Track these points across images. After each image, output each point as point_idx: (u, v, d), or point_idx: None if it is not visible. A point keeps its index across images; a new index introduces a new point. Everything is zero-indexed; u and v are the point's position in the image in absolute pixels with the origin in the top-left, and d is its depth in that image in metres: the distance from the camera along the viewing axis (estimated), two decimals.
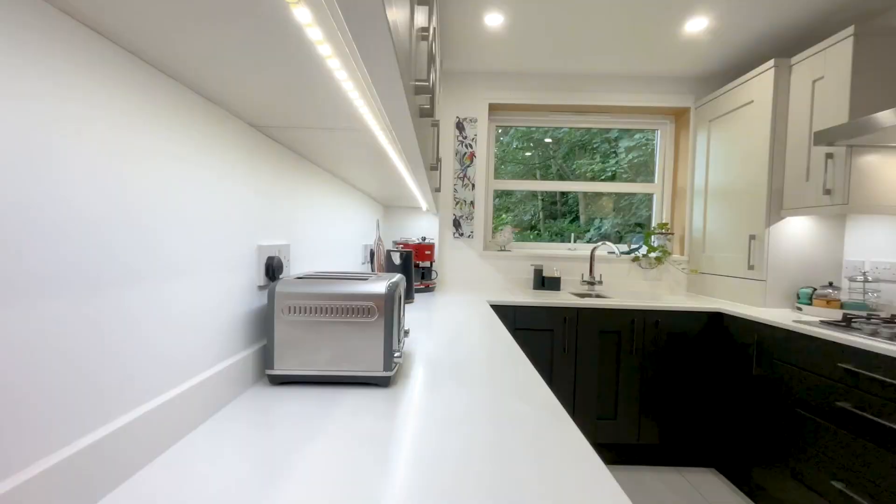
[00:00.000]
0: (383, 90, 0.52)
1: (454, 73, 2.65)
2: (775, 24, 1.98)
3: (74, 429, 0.44)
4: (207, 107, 0.67)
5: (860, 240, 1.93)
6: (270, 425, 0.65)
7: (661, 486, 1.92)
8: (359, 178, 1.47)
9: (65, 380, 0.43)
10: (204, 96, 0.65)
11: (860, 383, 1.34)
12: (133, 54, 0.51)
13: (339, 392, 0.79)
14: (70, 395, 0.44)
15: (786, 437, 1.61)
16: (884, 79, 1.67)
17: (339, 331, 0.81)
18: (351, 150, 1.00)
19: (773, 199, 1.98)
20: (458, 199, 2.68)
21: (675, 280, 2.63)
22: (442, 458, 0.56)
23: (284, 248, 0.96)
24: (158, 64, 0.54)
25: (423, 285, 2.30)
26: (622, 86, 2.61)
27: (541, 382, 0.87)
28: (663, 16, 1.92)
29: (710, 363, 2.06)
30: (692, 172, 2.58)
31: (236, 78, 0.58)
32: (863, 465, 1.31)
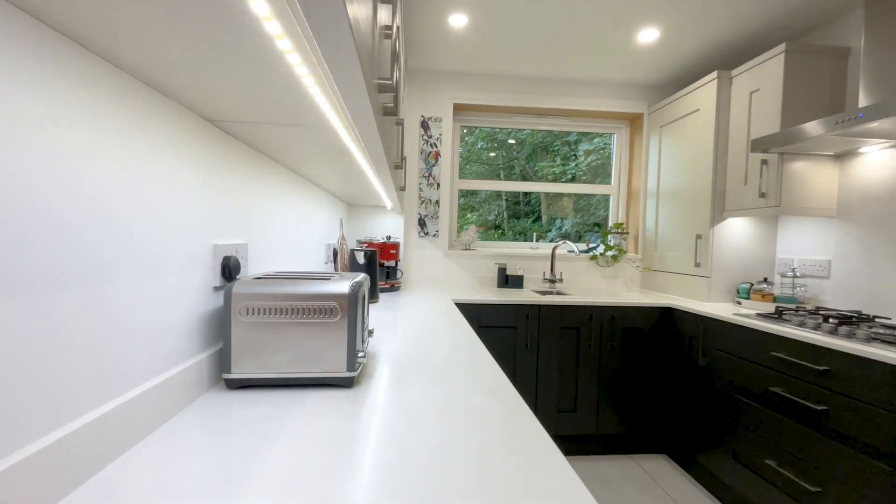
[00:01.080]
0: (345, 87, 0.52)
1: (419, 72, 2.64)
2: (718, 39, 2.12)
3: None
4: (157, 99, 0.63)
5: (790, 239, 2.12)
6: (227, 431, 0.62)
7: (618, 474, 2.02)
8: (321, 175, 1.44)
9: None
10: (151, 86, 0.62)
11: (790, 370, 1.47)
12: (69, 38, 0.48)
13: (300, 394, 0.77)
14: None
15: (727, 421, 1.74)
16: (810, 92, 1.84)
17: (300, 332, 0.79)
18: (313, 147, 0.98)
19: (716, 201, 2.13)
20: (423, 198, 2.68)
21: (629, 277, 2.76)
22: (407, 457, 0.56)
23: (242, 248, 0.92)
24: (100, 51, 0.51)
25: (388, 285, 2.29)
26: (581, 90, 2.71)
27: (504, 379, 0.89)
28: (618, 26, 2.02)
29: (662, 355, 2.18)
30: (645, 175, 2.72)
31: (190, 72, 0.55)
32: (790, 443, 1.45)
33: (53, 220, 0.46)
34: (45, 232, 0.45)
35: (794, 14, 1.89)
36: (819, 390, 1.36)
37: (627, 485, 1.93)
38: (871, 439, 1.21)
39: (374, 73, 0.64)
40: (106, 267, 0.54)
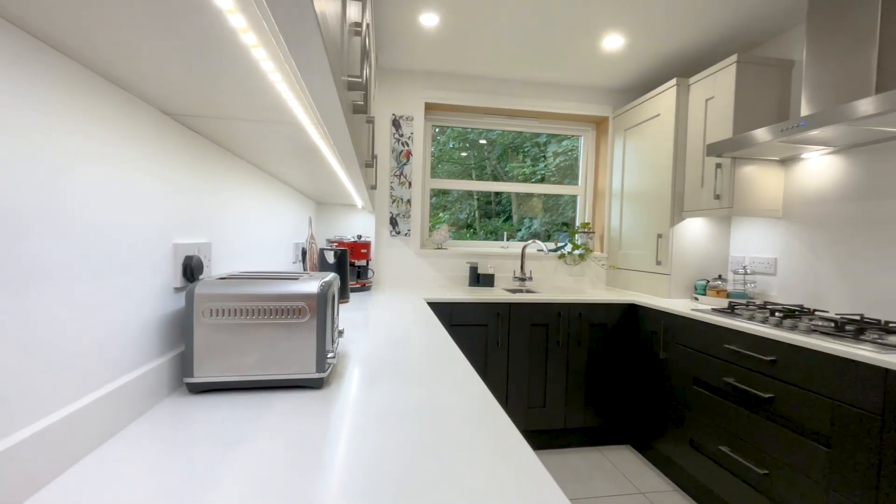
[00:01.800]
0: (313, 84, 0.51)
1: (390, 70, 2.63)
2: (678, 48, 2.23)
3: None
4: (107, 88, 0.60)
5: (742, 238, 2.26)
6: (188, 436, 0.60)
7: (586, 465, 2.09)
8: (290, 173, 1.41)
9: None
10: (101, 75, 0.59)
11: (741, 360, 1.57)
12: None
13: (268, 397, 0.76)
14: None
15: (686, 411, 1.83)
16: (759, 101, 1.96)
17: (267, 333, 0.77)
18: (280, 144, 0.96)
19: (675, 202, 2.24)
20: (394, 197, 2.67)
21: (596, 275, 2.86)
22: (378, 457, 0.56)
23: (205, 247, 0.89)
24: (40, 34, 0.48)
25: (359, 284, 2.26)
26: (550, 93, 2.78)
27: (475, 377, 0.91)
28: (585, 32, 2.08)
29: (626, 349, 2.27)
30: (610, 177, 2.82)
31: (146, 63, 0.53)
32: (742, 429, 1.54)
33: (9, 217, 0.43)
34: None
35: (745, 27, 2.02)
36: (766, 379, 1.46)
37: (594, 475, 2.00)
38: (810, 423, 1.31)
39: (344, 71, 0.64)
40: (39, 268, 0.51)
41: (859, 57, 1.48)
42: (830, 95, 1.58)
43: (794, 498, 1.35)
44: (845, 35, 1.53)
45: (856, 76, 1.49)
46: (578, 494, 1.85)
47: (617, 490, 1.88)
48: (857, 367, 1.19)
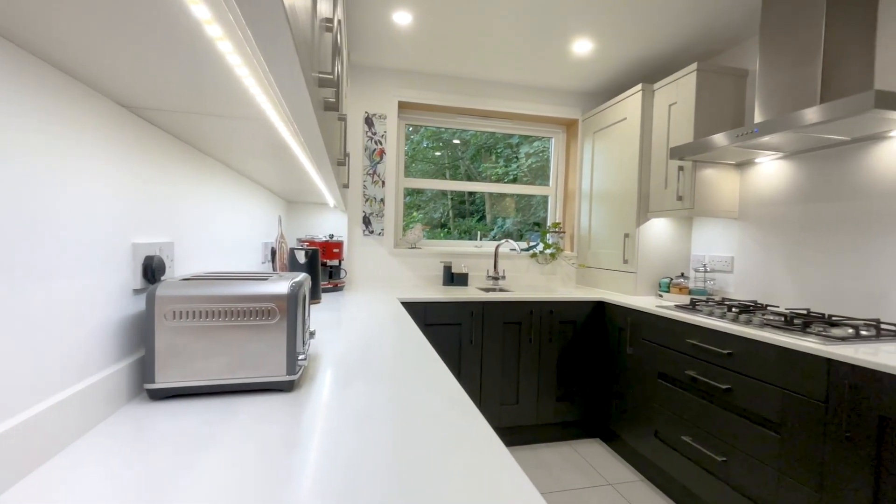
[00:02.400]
0: (282, 80, 0.50)
1: (363, 68, 2.59)
2: (643, 54, 2.32)
3: None
4: (55, 76, 0.56)
5: (702, 238, 2.37)
6: (149, 445, 0.58)
7: (557, 460, 2.14)
8: (258, 171, 1.37)
9: None
10: (48, 62, 0.55)
11: (702, 354, 1.65)
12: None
13: (235, 401, 0.73)
14: None
15: (651, 404, 1.91)
16: (717, 107, 2.07)
17: (235, 335, 0.75)
18: (248, 141, 0.93)
19: (641, 203, 2.32)
20: (367, 196, 2.64)
21: (566, 274, 2.93)
22: (351, 459, 0.56)
23: (167, 247, 0.85)
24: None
25: (331, 284, 2.22)
26: (522, 95, 2.82)
27: (449, 376, 0.91)
28: (556, 36, 2.13)
29: (595, 346, 2.34)
30: (580, 178, 2.89)
31: (101, 53, 0.50)
32: (702, 419, 1.62)
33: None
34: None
35: (704, 37, 2.12)
36: (724, 371, 1.54)
37: (565, 469, 2.05)
38: (763, 411, 1.39)
39: (314, 67, 0.63)
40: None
41: (806, 68, 1.59)
42: (781, 104, 1.69)
43: (750, 482, 1.43)
44: (793, 48, 1.64)
45: (803, 86, 1.60)
46: (550, 488, 1.89)
47: (587, 482, 1.94)
48: (804, 357, 1.28)
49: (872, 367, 1.11)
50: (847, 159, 1.67)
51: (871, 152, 1.60)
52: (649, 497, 1.84)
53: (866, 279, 1.59)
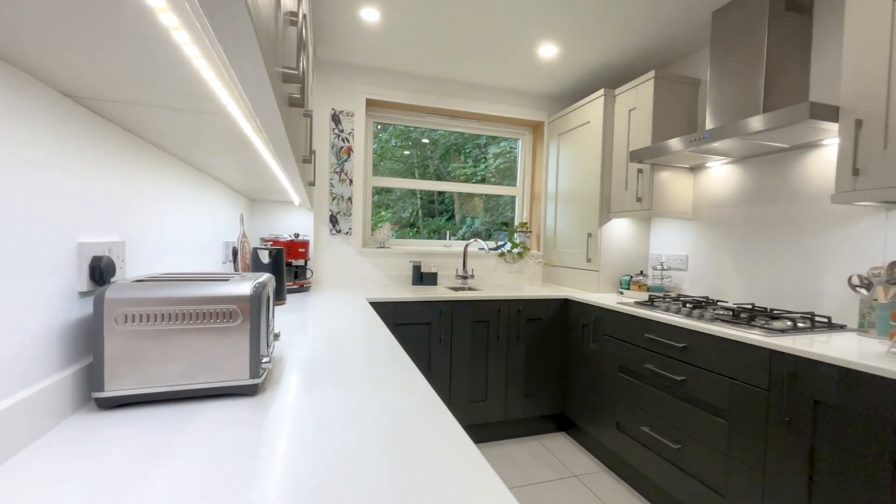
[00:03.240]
0: (245, 74, 0.49)
1: (330, 64, 2.54)
2: (605, 61, 2.40)
3: None
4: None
5: (659, 237, 2.49)
6: (98, 457, 0.54)
7: (525, 455, 2.19)
8: (219, 167, 1.31)
9: None
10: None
11: (659, 348, 1.73)
12: None
13: (194, 408, 0.70)
14: None
15: (613, 397, 1.99)
16: (673, 113, 2.18)
17: (194, 339, 0.71)
18: (208, 136, 0.89)
19: (603, 203, 2.41)
20: (334, 194, 2.59)
21: (533, 272, 3.00)
22: (318, 463, 0.55)
23: (117, 246, 0.80)
24: None
25: (296, 285, 2.17)
26: (490, 96, 2.86)
27: (418, 375, 0.91)
28: (522, 39, 2.17)
29: (561, 342, 2.41)
30: (546, 179, 2.97)
31: (42, 38, 0.46)
32: (659, 410, 1.71)
33: None
34: None
35: (661, 47, 2.23)
36: (680, 363, 1.63)
37: (532, 463, 2.10)
38: (713, 400, 1.48)
39: (279, 61, 0.61)
40: None
41: (750, 80, 1.71)
42: (728, 112, 1.80)
43: (701, 467, 1.52)
44: (740, 60, 1.75)
45: (748, 96, 1.72)
46: (518, 482, 1.93)
47: (553, 475, 2.00)
48: (749, 349, 1.37)
49: (807, 356, 1.20)
50: (786, 165, 1.81)
51: (806, 159, 1.74)
52: (611, 486, 1.92)
53: (802, 276, 1.73)
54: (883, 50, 1.27)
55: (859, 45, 1.33)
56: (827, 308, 1.64)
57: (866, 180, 1.30)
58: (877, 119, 1.28)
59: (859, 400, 1.10)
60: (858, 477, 1.10)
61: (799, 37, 1.71)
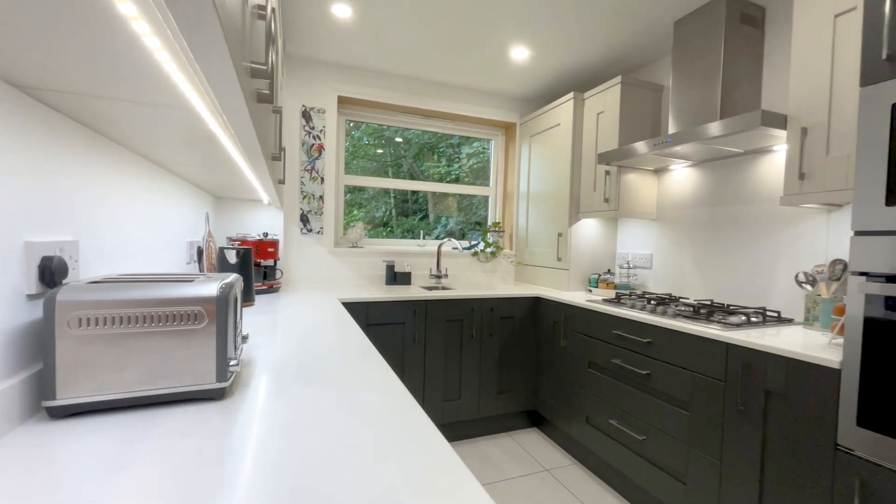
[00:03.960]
0: (210, 69, 0.47)
1: (301, 59, 2.49)
2: (574, 65, 2.47)
3: None
4: None
5: (626, 237, 2.58)
6: (50, 471, 0.51)
7: (499, 452, 2.22)
8: (183, 164, 1.26)
9: None
10: None
11: (626, 343, 1.80)
12: None
13: (157, 414, 0.67)
14: None
15: (582, 392, 2.05)
16: (638, 118, 2.26)
17: (156, 343, 0.68)
18: (171, 131, 0.86)
19: (573, 204, 2.48)
20: (305, 192, 2.53)
21: (506, 271, 3.04)
22: (289, 464, 0.54)
23: (70, 246, 0.76)
24: None
25: (265, 286, 2.11)
26: (463, 97, 2.88)
27: (392, 375, 0.91)
28: (495, 41, 2.20)
29: (533, 339, 2.46)
30: (518, 179, 3.02)
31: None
32: (626, 403, 1.78)
33: None
34: None
35: (627, 53, 2.31)
36: (645, 358, 1.70)
37: (505, 460, 2.13)
38: (675, 392, 1.56)
39: (246, 56, 0.59)
40: None
41: (708, 87, 1.80)
42: (689, 117, 1.89)
43: (665, 456, 1.59)
44: (699, 69, 1.84)
45: (706, 103, 1.81)
46: (492, 479, 1.96)
47: (525, 470, 2.04)
48: (708, 343, 1.45)
49: (759, 348, 1.28)
50: (741, 169, 1.92)
51: (759, 163, 1.85)
52: (581, 479, 1.98)
53: (756, 273, 1.84)
54: (825, 63, 1.37)
55: (805, 58, 1.43)
56: (777, 303, 1.76)
57: (811, 184, 1.40)
58: (820, 127, 1.38)
59: (804, 388, 1.18)
60: (804, 460, 1.18)
61: (752, 48, 1.82)
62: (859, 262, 1.09)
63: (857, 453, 1.07)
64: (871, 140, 1.07)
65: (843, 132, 1.32)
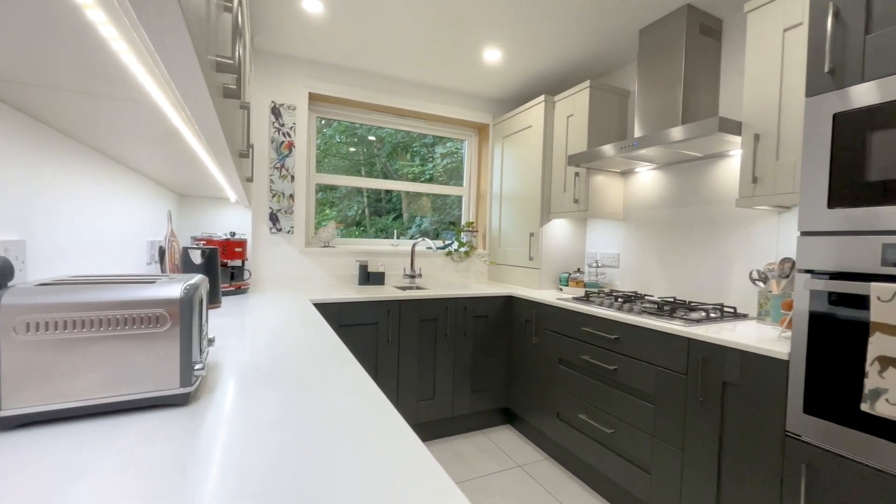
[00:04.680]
0: (172, 62, 0.45)
1: (270, 54, 2.42)
2: (544, 68, 2.52)
3: None
4: None
5: (595, 236, 2.66)
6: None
7: (472, 449, 2.24)
8: (144, 160, 1.20)
9: None
10: None
11: (594, 340, 1.86)
12: None
13: (116, 423, 0.64)
14: None
15: (553, 388, 2.10)
16: (606, 121, 2.34)
17: (114, 347, 0.65)
18: (130, 126, 0.81)
19: (544, 204, 2.53)
20: (275, 191, 2.47)
21: (479, 270, 3.07)
22: (257, 469, 0.53)
23: (16, 246, 0.71)
24: None
25: (233, 287, 2.04)
26: (437, 97, 2.88)
27: (365, 376, 0.90)
28: (468, 43, 2.21)
29: (506, 337, 2.49)
30: (491, 180, 3.05)
31: None
32: (595, 398, 1.83)
33: None
34: None
35: (595, 59, 2.38)
36: (612, 354, 1.76)
37: (479, 457, 2.16)
38: (641, 386, 1.62)
39: (211, 49, 0.57)
40: None
41: (671, 94, 1.88)
42: (653, 122, 1.97)
43: (631, 448, 1.66)
44: (662, 75, 1.93)
45: (669, 109, 1.89)
46: (465, 477, 1.97)
47: (498, 467, 2.06)
48: (671, 338, 1.52)
49: (717, 342, 1.36)
50: (701, 172, 2.02)
51: (717, 167, 1.95)
52: (553, 473, 2.03)
53: (714, 271, 1.95)
54: (775, 74, 1.46)
55: (757, 68, 1.52)
56: (734, 299, 1.86)
57: (763, 187, 1.49)
58: (771, 134, 1.47)
59: (757, 379, 1.26)
60: (757, 446, 1.26)
61: (710, 58, 1.91)
62: (805, 261, 1.17)
63: (804, 439, 1.15)
64: (815, 147, 1.15)
65: (791, 139, 1.41)
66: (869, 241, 1.04)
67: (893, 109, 1.01)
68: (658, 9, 1.87)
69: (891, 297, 0.97)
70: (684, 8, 1.82)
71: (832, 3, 1.13)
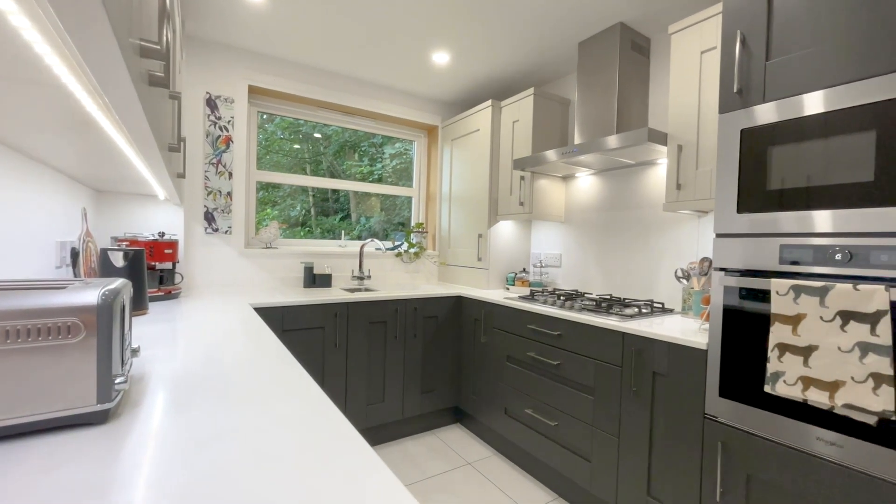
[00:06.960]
0: (86, 43, 0.41)
1: (206, 42, 2.26)
2: (491, 74, 2.59)
3: None
4: None
5: (539, 238, 2.78)
6: None
7: (423, 450, 2.23)
8: (50, 151, 1.07)
9: None
10: None
11: (539, 337, 1.93)
12: None
13: (17, 447, 0.56)
14: None
15: (501, 385, 2.15)
16: (549, 128, 2.45)
17: (13, 362, 0.57)
18: (33, 112, 0.72)
19: (492, 206, 2.60)
20: (210, 188, 2.31)
21: (429, 271, 3.08)
22: (189, 488, 0.49)
23: None
24: None
25: (162, 292, 1.88)
26: (386, 96, 2.85)
27: (310, 382, 0.87)
28: (416, 44, 2.22)
29: (455, 337, 2.52)
30: (440, 181, 3.08)
31: None
32: (540, 393, 1.91)
33: None
34: None
35: (539, 67, 2.49)
36: (556, 350, 1.84)
37: (429, 458, 2.16)
38: (582, 379, 1.72)
39: (134, 32, 0.53)
40: None
41: (607, 104, 2.01)
42: (591, 130, 2.10)
43: (573, 438, 1.75)
44: (599, 86, 2.06)
45: (605, 118, 2.02)
46: (416, 478, 1.97)
47: (449, 466, 2.08)
48: (608, 333, 1.62)
49: (647, 335, 1.47)
50: (633, 178, 2.18)
51: (647, 174, 2.11)
52: (501, 468, 2.08)
53: (646, 269, 2.11)
54: (694, 91, 1.61)
55: (679, 85, 1.67)
56: (662, 295, 2.03)
57: (685, 193, 1.64)
58: (691, 145, 1.62)
59: (681, 368, 1.38)
60: (681, 429, 1.38)
61: (641, 73, 2.07)
62: (719, 260, 1.31)
63: (720, 420, 1.28)
64: (727, 159, 1.29)
65: (708, 150, 1.57)
66: (769, 243, 1.19)
67: (788, 127, 1.16)
68: (595, 24, 2.00)
69: (786, 291, 1.11)
70: (617, 25, 1.96)
71: (740, 31, 1.27)
